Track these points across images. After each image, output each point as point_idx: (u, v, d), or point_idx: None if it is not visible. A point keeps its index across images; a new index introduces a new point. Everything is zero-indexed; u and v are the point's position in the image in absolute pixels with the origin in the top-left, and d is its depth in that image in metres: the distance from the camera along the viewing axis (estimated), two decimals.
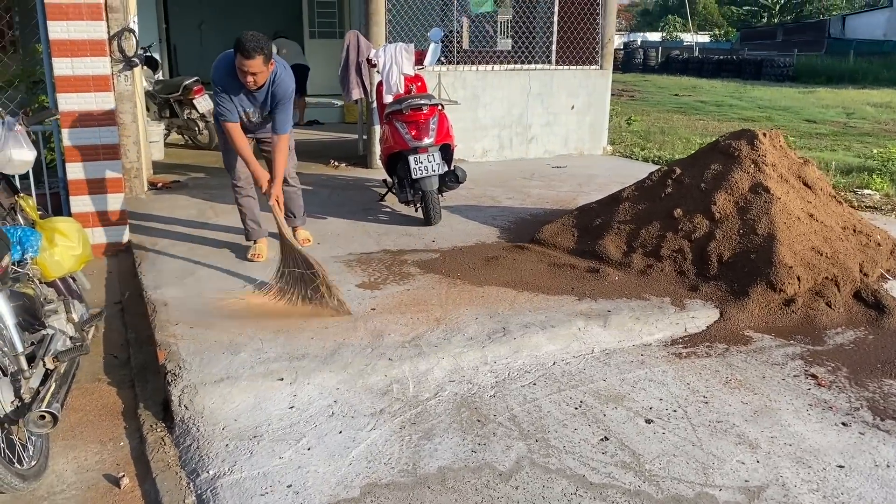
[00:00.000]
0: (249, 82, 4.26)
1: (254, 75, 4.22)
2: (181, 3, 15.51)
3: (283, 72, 4.43)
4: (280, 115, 4.50)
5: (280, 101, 4.45)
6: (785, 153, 4.91)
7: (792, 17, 45.71)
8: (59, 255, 3.33)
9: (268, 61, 4.22)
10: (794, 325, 3.99)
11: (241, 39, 4.15)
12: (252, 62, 4.14)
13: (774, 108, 17.68)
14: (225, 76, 4.35)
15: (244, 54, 4.13)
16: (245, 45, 4.12)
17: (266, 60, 4.20)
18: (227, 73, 4.34)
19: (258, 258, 4.82)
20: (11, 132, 3.20)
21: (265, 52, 4.18)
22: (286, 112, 4.52)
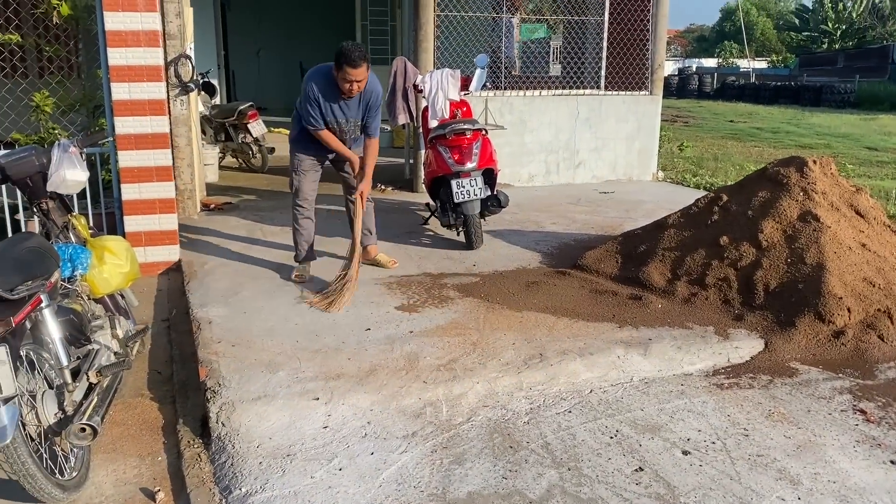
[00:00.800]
0: (354, 90, 4.49)
1: (358, 83, 4.46)
2: (241, 31, 16.02)
3: (372, 78, 4.66)
4: (373, 119, 4.75)
5: (372, 106, 4.70)
6: (836, 181, 4.78)
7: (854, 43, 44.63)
8: (108, 272, 3.44)
9: (369, 68, 4.49)
10: (844, 357, 3.86)
11: (347, 50, 4.35)
12: (359, 70, 4.38)
13: (833, 135, 17.23)
14: (324, 87, 4.56)
15: (351, 63, 4.34)
16: (352, 55, 4.34)
17: (368, 67, 4.48)
18: (325, 85, 4.55)
19: (300, 280, 4.90)
20: (66, 154, 3.34)
21: (368, 60, 4.45)
22: (377, 116, 4.78)
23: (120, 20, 4.95)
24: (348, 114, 4.70)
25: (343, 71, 4.39)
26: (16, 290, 2.50)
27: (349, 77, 4.41)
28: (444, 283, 4.86)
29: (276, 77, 16.59)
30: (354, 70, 4.38)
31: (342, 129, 4.73)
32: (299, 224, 5.00)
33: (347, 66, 4.37)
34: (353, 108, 4.69)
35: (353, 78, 4.41)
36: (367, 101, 4.67)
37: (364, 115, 4.73)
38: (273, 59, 16.55)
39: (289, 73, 16.68)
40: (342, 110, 4.67)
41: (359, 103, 4.67)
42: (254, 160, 9.19)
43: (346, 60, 4.36)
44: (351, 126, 4.76)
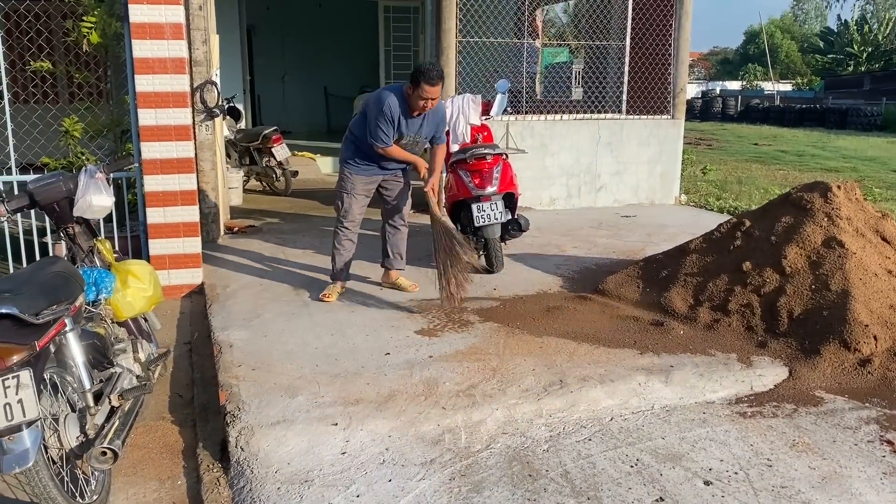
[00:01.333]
0: (428, 107, 4.74)
1: (433, 100, 4.70)
2: (266, 56, 16.27)
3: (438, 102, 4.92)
4: (441, 132, 5.07)
5: (440, 122, 5.03)
6: (861, 206, 4.73)
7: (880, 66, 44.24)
8: (132, 296, 3.49)
9: (442, 87, 4.75)
10: (870, 387, 3.79)
11: (426, 69, 4.60)
12: (435, 89, 4.63)
13: (860, 159, 17.04)
14: (394, 103, 4.74)
15: (430, 81, 4.58)
16: (431, 74, 4.58)
17: (442, 86, 4.74)
18: (396, 101, 4.75)
19: (327, 299, 4.96)
20: (93, 179, 3.40)
21: (443, 79, 4.74)
22: (444, 130, 5.13)
23: (147, 48, 5.06)
24: (412, 129, 4.89)
25: (421, 88, 4.60)
26: (41, 315, 2.54)
27: (426, 94, 4.61)
28: (465, 307, 4.86)
29: (301, 101, 16.79)
30: (432, 88, 4.60)
31: (404, 143, 4.91)
32: (341, 244, 5.07)
33: (426, 84, 4.58)
34: (416, 125, 4.89)
35: (429, 95, 4.62)
36: (431, 119, 4.91)
37: (427, 133, 4.96)
38: (298, 84, 16.77)
39: (313, 98, 16.89)
40: (407, 126, 4.86)
41: (423, 121, 4.88)
42: (277, 183, 9.29)
43: (426, 78, 4.57)
44: (410, 142, 4.93)
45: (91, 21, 5.37)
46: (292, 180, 9.22)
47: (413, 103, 4.71)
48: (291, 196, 9.15)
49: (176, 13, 5.08)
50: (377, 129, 4.77)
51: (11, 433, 2.36)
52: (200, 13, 6.25)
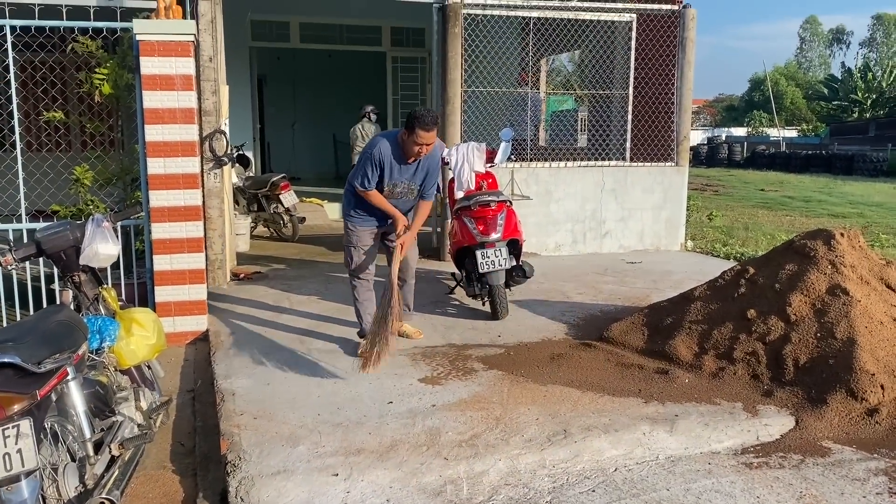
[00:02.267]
0: (423, 152, 4.65)
1: (428, 146, 4.63)
2: (276, 104, 16.57)
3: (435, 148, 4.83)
4: (432, 184, 4.90)
5: (431, 171, 4.85)
6: (865, 254, 4.72)
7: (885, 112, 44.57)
8: (135, 344, 3.51)
9: (437, 133, 4.67)
10: (879, 437, 3.73)
11: (421, 114, 4.53)
12: (430, 134, 4.56)
13: (866, 204, 17.06)
14: (391, 151, 4.70)
15: (425, 127, 4.51)
16: (426, 119, 4.52)
17: (437, 132, 4.66)
18: (393, 149, 4.70)
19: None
20: (99, 228, 3.45)
21: (438, 124, 4.66)
22: (434, 180, 4.93)
23: (158, 99, 5.17)
24: (405, 176, 4.81)
25: (415, 134, 4.53)
26: (43, 364, 2.56)
27: (420, 139, 4.55)
28: (469, 355, 4.85)
29: (310, 148, 17.04)
30: (427, 133, 4.53)
31: (395, 191, 4.82)
32: (360, 297, 4.99)
33: (420, 129, 4.52)
34: (411, 171, 4.81)
35: (424, 141, 4.56)
36: (426, 166, 4.81)
37: (421, 180, 4.86)
38: (307, 132, 17.03)
39: (322, 145, 17.13)
40: (400, 173, 4.79)
41: (416, 168, 4.80)
42: (285, 229, 9.36)
43: (420, 123, 4.52)
44: (405, 190, 4.85)
45: (103, 73, 5.49)
46: (300, 226, 9.29)
47: (408, 149, 4.65)
48: (299, 242, 9.22)
49: (186, 65, 5.20)
50: (361, 171, 4.75)
51: (10, 483, 2.36)
52: (211, 65, 6.39)
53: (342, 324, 5.50)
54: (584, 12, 8.43)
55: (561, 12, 8.38)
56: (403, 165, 4.77)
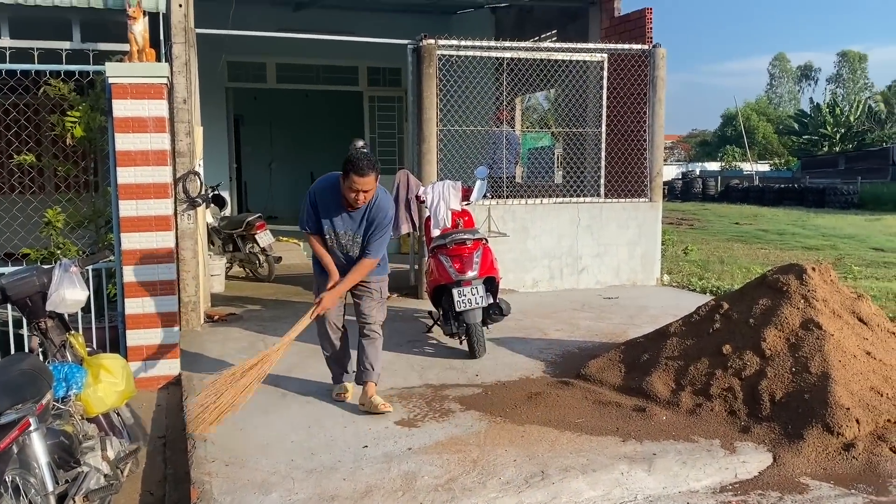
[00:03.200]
0: (359, 200, 4.28)
1: (365, 193, 4.26)
2: (253, 144, 16.58)
3: (383, 196, 4.48)
4: (375, 240, 4.46)
5: (378, 226, 4.43)
6: (837, 287, 4.77)
7: (854, 146, 45.58)
8: (103, 391, 3.43)
9: (377, 178, 4.31)
10: (855, 472, 3.73)
11: (354, 158, 4.23)
12: (366, 179, 4.21)
13: (839, 237, 17.31)
14: (323, 192, 4.44)
15: (359, 172, 4.18)
16: (360, 164, 4.19)
17: (377, 177, 4.30)
18: (330, 192, 4.41)
19: (343, 397, 4.73)
20: (67, 273, 3.40)
21: (377, 170, 4.28)
22: (381, 239, 4.49)
23: (130, 141, 5.15)
24: (348, 226, 4.45)
25: (350, 179, 4.21)
26: (4, 415, 2.49)
27: (355, 186, 4.21)
28: (446, 395, 4.80)
29: (287, 187, 17.02)
30: (361, 179, 4.19)
31: (339, 241, 4.51)
32: (327, 349, 4.83)
33: (354, 175, 4.19)
34: (355, 221, 4.44)
35: (359, 187, 4.22)
36: (372, 218, 4.41)
37: (366, 232, 4.45)
38: (284, 171, 17.04)
39: (300, 184, 17.08)
40: (343, 221, 4.45)
41: (362, 218, 4.42)
42: (261, 269, 9.29)
43: (354, 168, 4.19)
44: (349, 241, 4.50)
45: (75, 116, 5.47)
46: (275, 266, 9.23)
47: (345, 195, 4.30)
48: (275, 282, 9.14)
49: (159, 107, 5.20)
50: (303, 210, 4.53)
51: None
52: (185, 106, 6.38)
53: (318, 366, 5.42)
54: (556, 52, 8.58)
55: (533, 53, 8.51)
56: (345, 213, 4.42)
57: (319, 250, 4.55)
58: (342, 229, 4.48)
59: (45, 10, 6.47)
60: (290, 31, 9.53)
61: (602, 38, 9.60)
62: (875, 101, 51.34)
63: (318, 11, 11.51)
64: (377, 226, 4.43)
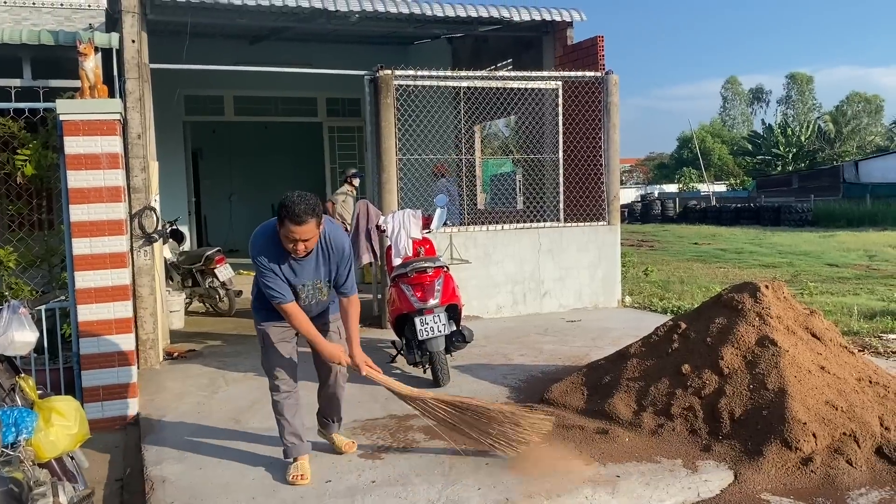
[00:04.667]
0: (300, 250, 3.70)
1: (305, 242, 3.68)
2: (213, 177, 16.46)
3: (332, 229, 3.92)
4: (346, 275, 3.96)
5: (342, 261, 3.92)
6: (790, 304, 4.88)
7: (806, 165, 46.88)
8: (55, 435, 3.34)
9: (319, 224, 3.71)
10: (814, 486, 3.79)
11: (289, 204, 3.59)
12: (304, 228, 3.61)
13: (795, 254, 17.71)
14: (268, 249, 3.79)
15: (294, 220, 3.58)
16: (294, 210, 3.57)
17: (318, 223, 3.69)
18: (269, 246, 3.79)
19: (301, 480, 3.89)
20: (16, 315, 3.32)
21: (317, 215, 3.66)
22: (351, 271, 4.00)
23: (83, 178, 5.07)
24: (303, 276, 3.86)
25: (285, 227, 3.62)
26: None
27: (293, 235, 3.62)
28: (410, 426, 4.77)
29: (248, 220, 16.86)
30: (299, 227, 3.60)
31: (299, 294, 3.90)
32: (281, 413, 4.05)
33: (291, 223, 3.59)
34: (308, 268, 3.86)
35: (297, 237, 3.63)
36: (328, 258, 3.90)
37: (328, 273, 3.94)
38: (245, 203, 16.93)
39: (260, 216, 16.79)
40: (294, 273, 3.84)
41: (316, 262, 3.88)
42: (221, 304, 9.17)
43: (289, 215, 3.58)
44: (310, 291, 3.93)
45: (25, 154, 5.38)
46: (236, 300, 9.12)
47: (283, 244, 3.72)
48: (235, 316, 9.02)
49: (112, 143, 5.14)
50: (265, 282, 3.78)
51: None
52: (139, 142, 6.33)
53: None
54: (511, 81, 8.71)
55: (489, 81, 8.63)
56: (295, 262, 3.83)
57: (304, 323, 3.86)
58: (298, 282, 3.88)
59: None
60: (247, 64, 9.55)
61: (556, 66, 9.78)
62: (824, 121, 52.93)
63: (275, 44, 11.55)
64: (340, 261, 3.93)
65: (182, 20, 8.21)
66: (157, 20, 7.97)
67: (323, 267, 3.91)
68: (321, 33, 11.16)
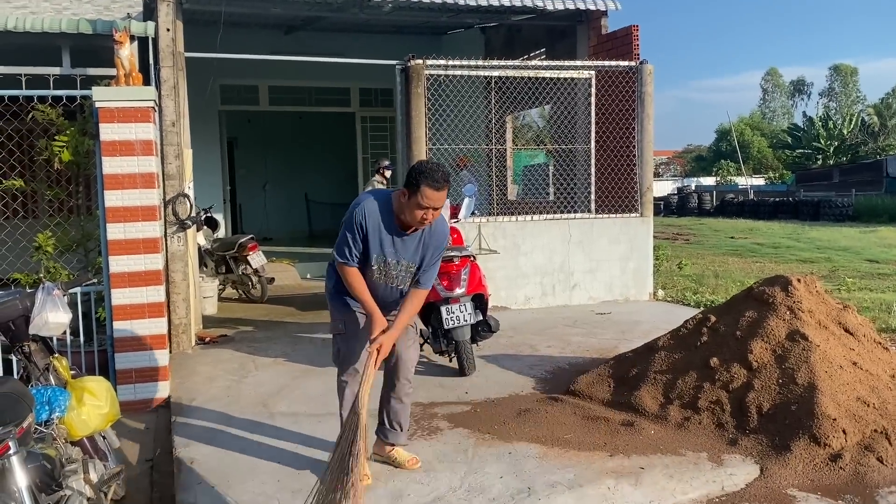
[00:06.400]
0: (427, 220, 3.51)
1: (435, 210, 3.50)
2: (247, 166, 16.65)
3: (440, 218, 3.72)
4: (431, 267, 3.74)
5: (435, 251, 3.71)
6: (822, 299, 4.79)
7: (848, 158, 45.80)
8: (87, 414, 3.43)
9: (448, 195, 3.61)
10: (843, 482, 3.72)
11: (430, 168, 3.45)
12: (441, 194, 3.45)
13: (834, 249, 17.35)
14: (375, 214, 3.57)
15: (435, 185, 3.40)
16: (434, 176, 3.41)
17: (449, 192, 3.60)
18: (381, 212, 3.57)
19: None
20: (49, 297, 3.41)
21: (450, 183, 3.55)
22: (436, 265, 3.78)
23: (117, 164, 5.17)
24: (402, 254, 3.65)
25: (421, 194, 3.40)
26: None
27: (426, 202, 3.42)
28: (435, 413, 4.79)
29: (282, 208, 17.08)
30: (438, 193, 3.42)
31: (389, 272, 3.67)
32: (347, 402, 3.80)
33: (428, 188, 3.39)
34: (410, 247, 3.64)
35: (431, 203, 3.43)
36: (428, 243, 3.67)
37: (421, 260, 3.70)
38: (279, 192, 17.09)
39: (294, 205, 17.18)
40: (395, 248, 3.62)
41: (418, 244, 3.65)
42: (254, 291, 9.30)
43: (428, 179, 3.39)
44: (402, 271, 3.69)
45: (63, 140, 5.50)
46: (268, 287, 9.23)
47: (408, 215, 3.49)
48: (268, 302, 9.14)
49: (146, 131, 5.23)
50: (342, 238, 3.61)
51: None
52: (174, 129, 6.43)
53: (306, 386, 5.43)
54: (543, 70, 8.65)
55: (521, 71, 8.58)
56: (399, 238, 3.60)
57: (359, 285, 3.65)
58: (394, 258, 3.65)
59: (35, 37, 6.55)
60: (281, 54, 9.62)
61: (590, 56, 9.68)
62: (868, 114, 51.60)
63: (310, 34, 11.61)
64: (434, 250, 3.70)
65: (217, 9, 8.29)
66: (192, 9, 8.06)
67: (420, 250, 3.67)
68: (355, 23, 11.19)
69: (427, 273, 3.72)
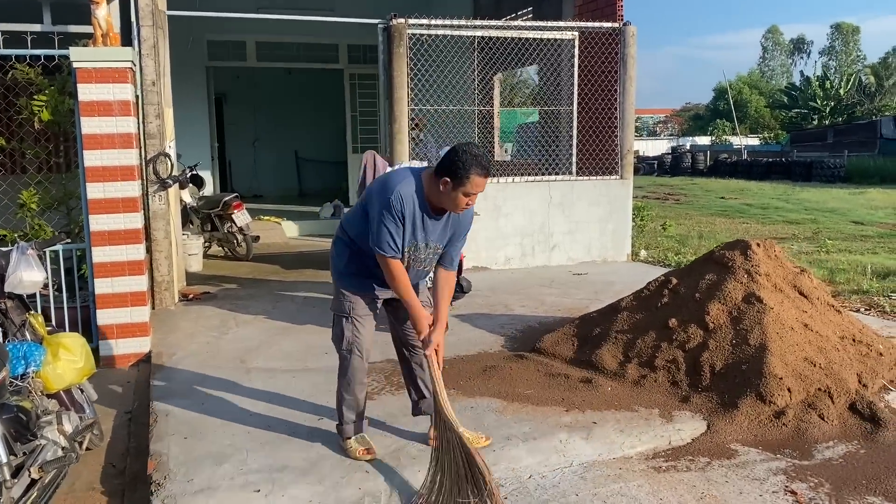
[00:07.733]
0: (470, 205, 3.44)
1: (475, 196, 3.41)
2: (237, 123, 16.63)
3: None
4: (457, 248, 3.66)
5: (462, 229, 3.62)
6: (780, 263, 4.94)
7: (843, 119, 45.61)
8: (62, 368, 3.60)
9: None
10: (784, 438, 3.92)
11: (477, 154, 3.28)
12: (486, 180, 3.35)
13: (821, 210, 17.49)
14: (412, 200, 3.39)
15: (484, 172, 3.28)
16: (483, 161, 3.28)
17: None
18: (416, 197, 3.40)
19: (368, 454, 3.65)
20: (24, 256, 3.54)
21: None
22: (462, 243, 3.70)
23: (96, 124, 5.25)
24: (433, 236, 3.52)
25: (470, 182, 3.26)
26: None
27: (475, 189, 3.30)
28: None
29: (272, 166, 17.12)
30: (484, 180, 3.30)
31: (418, 256, 3.54)
32: (356, 392, 3.72)
33: (477, 176, 3.25)
34: (438, 228, 3.51)
35: (479, 190, 3.32)
36: (455, 221, 3.56)
37: (448, 240, 3.60)
38: (269, 149, 17.11)
39: (284, 162, 17.22)
40: (427, 232, 3.49)
41: (445, 224, 3.53)
42: (239, 248, 9.43)
43: (477, 167, 3.24)
44: (430, 254, 3.58)
45: (42, 99, 5.56)
46: (253, 245, 9.36)
47: (449, 202, 3.35)
48: (253, 260, 9.28)
49: (124, 91, 5.29)
50: (382, 230, 3.38)
51: None
52: (154, 89, 6.48)
53: (283, 343, 5.60)
54: (526, 31, 8.65)
55: (504, 31, 8.58)
56: (431, 220, 3.47)
57: (405, 281, 3.48)
58: (424, 241, 3.51)
59: None
60: (270, 10, 9.58)
61: (575, 17, 9.68)
62: (865, 75, 51.23)
63: None
64: (463, 228, 3.62)
65: None
66: None
67: (448, 231, 3.56)
68: None
69: (454, 252, 3.65)
